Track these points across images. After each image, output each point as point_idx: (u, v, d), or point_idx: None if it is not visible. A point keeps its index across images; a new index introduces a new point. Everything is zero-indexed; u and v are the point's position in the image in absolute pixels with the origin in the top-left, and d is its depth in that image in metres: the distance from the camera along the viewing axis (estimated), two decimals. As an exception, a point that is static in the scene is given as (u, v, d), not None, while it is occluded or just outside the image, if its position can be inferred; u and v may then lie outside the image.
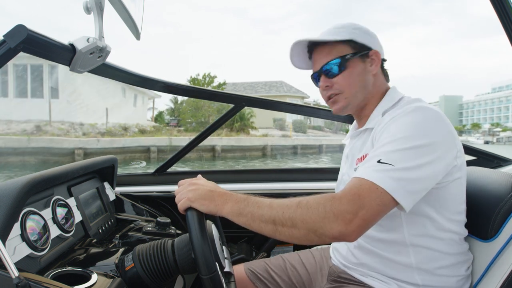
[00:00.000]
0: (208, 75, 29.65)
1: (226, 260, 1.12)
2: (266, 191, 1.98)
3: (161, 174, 2.11)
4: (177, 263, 1.03)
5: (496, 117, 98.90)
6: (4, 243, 0.85)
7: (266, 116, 29.73)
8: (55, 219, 1.16)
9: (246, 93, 33.37)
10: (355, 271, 1.18)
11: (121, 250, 1.16)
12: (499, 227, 1.08)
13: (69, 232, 1.21)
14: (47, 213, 1.14)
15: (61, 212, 1.21)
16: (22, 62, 18.22)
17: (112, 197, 1.67)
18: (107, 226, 1.49)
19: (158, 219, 1.44)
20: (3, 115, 17.73)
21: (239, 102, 1.99)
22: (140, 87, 1.89)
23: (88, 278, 0.95)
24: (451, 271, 1.07)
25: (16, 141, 15.03)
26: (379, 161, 0.92)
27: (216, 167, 17.22)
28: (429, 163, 0.92)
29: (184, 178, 1.12)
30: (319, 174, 2.21)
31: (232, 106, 2.01)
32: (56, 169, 1.24)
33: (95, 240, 1.28)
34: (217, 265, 0.91)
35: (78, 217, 1.31)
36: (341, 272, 1.23)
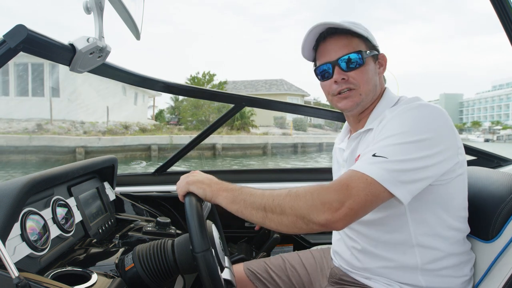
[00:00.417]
0: (208, 73, 29.65)
1: (226, 259, 1.12)
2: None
3: (161, 174, 2.11)
4: (177, 263, 1.03)
5: (497, 115, 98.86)
6: (4, 243, 0.85)
7: (267, 114, 29.72)
8: (55, 219, 1.16)
9: (246, 91, 33.40)
10: (358, 275, 1.18)
11: (121, 250, 1.16)
12: (500, 228, 1.08)
13: (69, 232, 1.21)
14: (47, 213, 1.14)
15: (61, 212, 1.21)
16: (23, 61, 18.22)
17: (112, 197, 1.67)
18: (107, 226, 1.49)
19: (158, 219, 1.44)
20: (5, 114, 17.75)
21: (239, 102, 1.99)
22: (140, 87, 1.89)
23: (88, 278, 0.95)
24: (455, 271, 1.07)
25: (17, 139, 15.03)
26: (373, 155, 0.93)
27: (216, 166, 17.23)
28: (426, 157, 0.92)
29: None
30: (319, 174, 2.20)
31: (232, 106, 2.01)
32: (56, 169, 1.24)
33: (95, 240, 1.28)
34: (212, 250, 0.92)
35: (78, 217, 1.31)
36: (343, 275, 1.23)
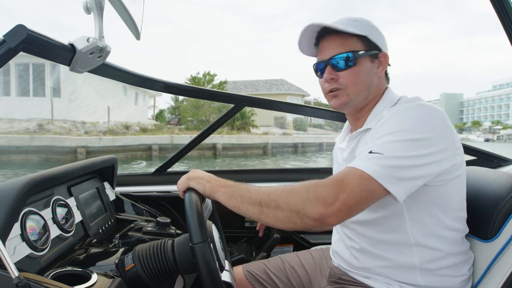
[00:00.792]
0: (208, 73, 29.65)
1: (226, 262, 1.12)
2: None
3: (161, 174, 2.11)
4: (177, 263, 1.03)
5: (497, 115, 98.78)
6: (4, 243, 0.85)
7: (267, 114, 29.71)
8: (55, 219, 1.16)
9: (246, 91, 33.39)
10: (357, 274, 1.18)
11: (121, 250, 1.16)
12: (499, 227, 1.08)
13: (69, 232, 1.21)
14: (47, 213, 1.14)
15: (61, 212, 1.21)
16: (24, 61, 18.24)
17: (112, 197, 1.67)
18: (107, 226, 1.50)
19: (158, 219, 1.44)
20: (6, 114, 17.77)
21: (239, 102, 1.99)
22: (140, 87, 1.89)
23: (88, 278, 0.95)
24: (454, 271, 1.07)
25: (19, 139, 15.05)
26: (370, 152, 0.93)
27: (216, 166, 17.23)
28: (423, 155, 0.92)
29: None
30: (319, 174, 2.21)
31: (232, 106, 2.01)
32: (56, 169, 1.24)
33: (95, 240, 1.28)
34: (211, 244, 0.93)
35: (78, 217, 1.31)
36: (342, 274, 1.23)
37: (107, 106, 19.61)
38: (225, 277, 1.10)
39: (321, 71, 1.17)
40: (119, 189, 1.89)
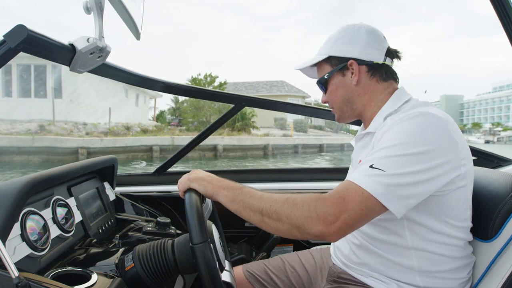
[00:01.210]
0: (209, 75, 29.64)
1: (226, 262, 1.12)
2: (268, 192, 1.98)
3: (161, 174, 2.11)
4: (177, 263, 1.03)
5: (497, 116, 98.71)
6: (4, 243, 0.85)
7: (267, 115, 29.73)
8: (55, 219, 1.16)
9: (247, 92, 33.44)
10: (356, 270, 1.18)
11: (121, 250, 1.16)
12: (499, 227, 1.08)
13: (69, 232, 1.21)
14: (47, 213, 1.14)
15: (61, 212, 1.21)
16: (26, 62, 18.27)
17: (112, 197, 1.67)
18: (107, 226, 1.50)
19: (158, 219, 1.44)
20: (8, 115, 17.81)
21: (239, 102, 1.99)
22: (140, 87, 1.89)
23: (88, 278, 0.95)
24: (453, 274, 1.06)
25: (20, 140, 15.08)
26: (371, 166, 0.92)
27: (216, 167, 17.24)
28: (424, 170, 0.90)
29: None
30: (323, 174, 2.20)
31: (232, 106, 2.01)
32: (56, 169, 1.24)
33: (95, 240, 1.28)
34: (211, 244, 0.92)
35: (78, 217, 1.31)
36: (341, 273, 1.23)
37: (108, 107, 19.64)
38: (225, 277, 1.10)
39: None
40: (119, 189, 1.90)
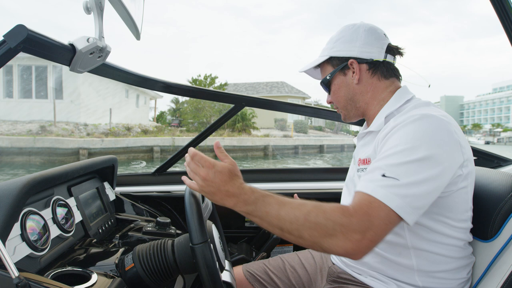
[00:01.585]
0: (209, 76, 29.67)
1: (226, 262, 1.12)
2: (273, 192, 1.98)
3: (161, 174, 2.11)
4: (177, 263, 1.03)
5: (497, 117, 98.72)
6: (4, 243, 0.85)
7: (268, 116, 29.74)
8: (55, 219, 1.16)
9: (247, 93, 33.40)
10: (355, 270, 1.17)
11: (121, 250, 1.16)
12: (499, 227, 1.08)
13: (69, 232, 1.21)
14: (47, 213, 1.14)
15: (61, 212, 1.21)
16: (27, 63, 18.27)
17: (112, 197, 1.67)
18: (107, 226, 1.50)
19: (158, 219, 1.44)
20: (9, 116, 17.82)
21: (239, 102, 1.99)
22: (140, 87, 1.89)
23: (88, 278, 0.95)
24: (453, 274, 1.06)
25: (22, 141, 15.09)
26: (383, 175, 0.90)
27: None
28: (434, 176, 0.90)
29: None
30: (327, 174, 2.20)
31: (232, 106, 2.01)
32: (56, 169, 1.24)
33: (95, 240, 1.28)
34: (211, 244, 0.92)
35: (78, 217, 1.31)
36: (340, 272, 1.23)
37: (108, 108, 19.65)
38: (225, 277, 1.10)
39: None
40: (119, 189, 1.90)
